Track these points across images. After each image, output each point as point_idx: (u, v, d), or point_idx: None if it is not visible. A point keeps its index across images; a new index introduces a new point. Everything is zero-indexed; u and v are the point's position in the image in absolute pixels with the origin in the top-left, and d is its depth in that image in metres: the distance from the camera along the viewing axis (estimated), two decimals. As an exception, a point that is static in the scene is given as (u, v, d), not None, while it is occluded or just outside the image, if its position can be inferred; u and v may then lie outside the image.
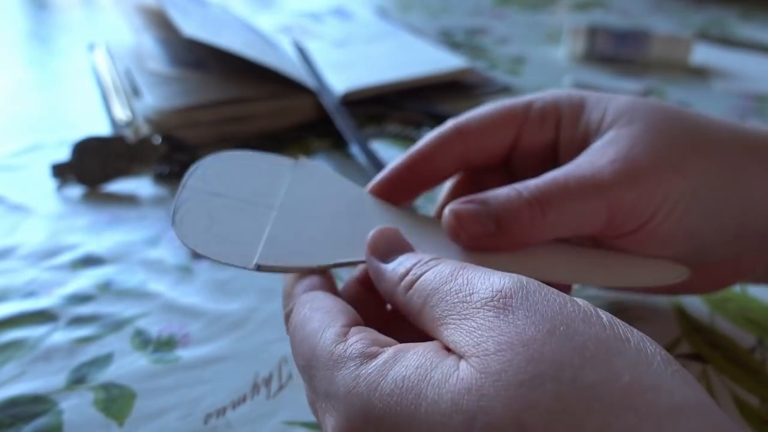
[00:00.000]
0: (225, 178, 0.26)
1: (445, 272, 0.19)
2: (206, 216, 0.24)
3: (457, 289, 0.18)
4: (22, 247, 0.37)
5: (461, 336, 0.17)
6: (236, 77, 0.52)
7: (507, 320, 0.16)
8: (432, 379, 0.16)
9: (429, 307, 0.19)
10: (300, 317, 0.22)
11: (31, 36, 0.75)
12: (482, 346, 0.16)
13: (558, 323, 0.16)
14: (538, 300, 0.17)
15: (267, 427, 0.26)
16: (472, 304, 0.18)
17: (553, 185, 0.24)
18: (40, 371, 0.29)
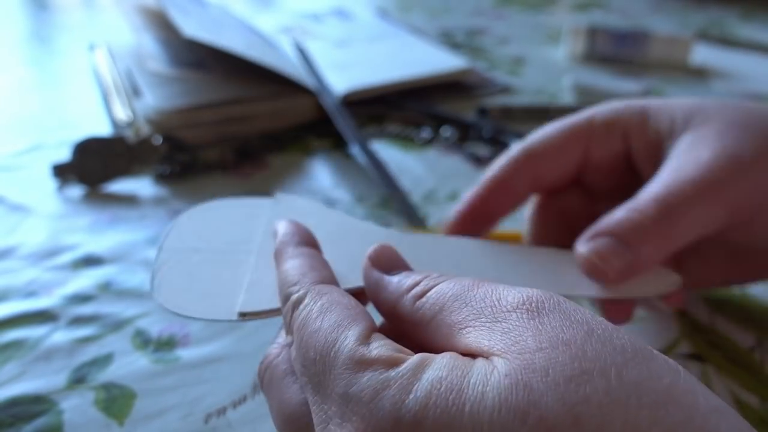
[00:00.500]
0: (202, 231, 0.26)
1: (465, 282, 0.19)
2: (185, 275, 0.24)
3: (483, 295, 0.18)
4: (22, 247, 0.37)
5: (493, 337, 0.17)
6: (236, 77, 0.52)
7: (542, 322, 0.16)
8: (471, 378, 0.16)
9: (446, 314, 0.18)
10: (317, 307, 0.20)
11: (31, 36, 0.75)
12: (521, 344, 0.16)
13: (594, 326, 0.16)
14: (569, 308, 0.17)
15: (267, 426, 0.26)
16: (501, 308, 0.17)
17: (671, 195, 0.24)
18: (41, 371, 0.29)
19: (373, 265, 0.22)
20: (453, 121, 0.53)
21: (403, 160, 0.48)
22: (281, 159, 0.48)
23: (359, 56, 0.63)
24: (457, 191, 0.44)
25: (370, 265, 0.22)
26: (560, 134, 0.28)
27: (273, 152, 0.49)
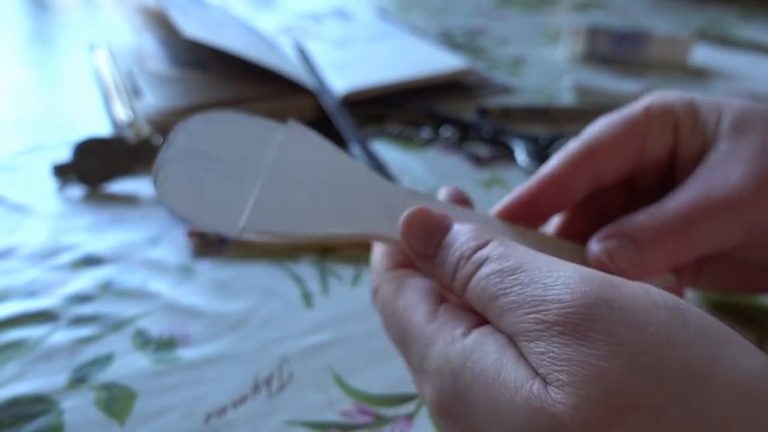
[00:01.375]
0: (213, 139, 0.24)
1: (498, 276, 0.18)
2: (191, 177, 0.23)
3: (521, 301, 0.17)
4: (23, 248, 0.37)
5: (532, 355, 0.16)
6: (236, 77, 0.52)
7: (580, 348, 0.15)
8: (505, 381, 0.16)
9: (493, 316, 0.18)
10: (388, 294, 0.22)
11: (32, 36, 0.75)
12: (554, 375, 0.15)
13: (637, 353, 0.15)
14: (616, 320, 0.15)
15: (267, 426, 0.27)
16: (540, 323, 0.16)
17: (694, 208, 0.24)
18: (41, 371, 0.29)
19: (411, 251, 0.22)
20: (453, 121, 0.53)
21: (403, 160, 0.48)
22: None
23: (359, 56, 0.63)
24: (457, 191, 0.44)
25: (408, 249, 0.22)
26: (619, 127, 0.27)
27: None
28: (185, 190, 0.22)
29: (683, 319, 0.16)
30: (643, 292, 0.16)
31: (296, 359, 0.30)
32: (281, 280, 0.35)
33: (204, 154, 0.24)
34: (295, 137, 0.26)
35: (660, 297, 0.16)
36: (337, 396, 0.28)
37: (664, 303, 0.16)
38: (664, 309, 0.16)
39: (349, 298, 0.34)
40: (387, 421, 0.27)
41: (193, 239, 0.38)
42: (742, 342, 0.16)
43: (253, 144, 0.25)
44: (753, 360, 0.15)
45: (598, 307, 0.16)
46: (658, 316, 0.16)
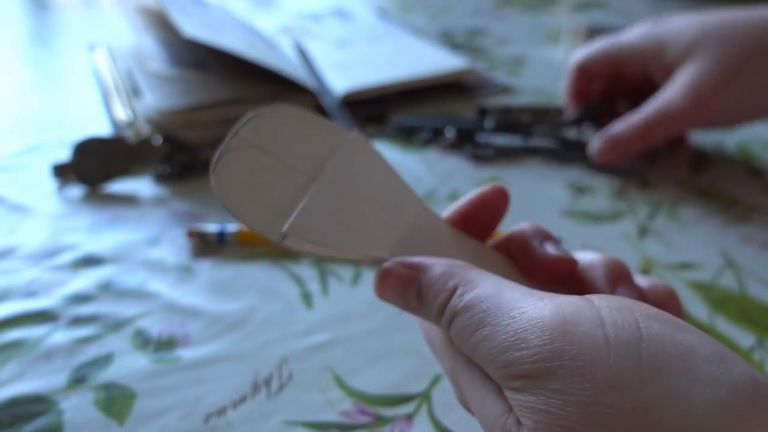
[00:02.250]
0: (278, 135, 0.24)
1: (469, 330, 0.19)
2: (247, 171, 0.23)
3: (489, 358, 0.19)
4: (22, 247, 0.37)
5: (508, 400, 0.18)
6: (236, 78, 0.52)
7: (541, 398, 0.17)
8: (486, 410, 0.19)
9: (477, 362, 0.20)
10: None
11: (31, 36, 0.75)
12: (523, 420, 0.17)
13: (586, 401, 0.16)
14: (568, 371, 0.16)
15: (267, 426, 0.26)
16: (507, 377, 0.18)
17: (650, 121, 0.42)
18: (41, 371, 0.29)
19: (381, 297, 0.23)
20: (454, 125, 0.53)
21: (403, 160, 0.48)
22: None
23: (359, 56, 0.63)
24: (457, 191, 0.44)
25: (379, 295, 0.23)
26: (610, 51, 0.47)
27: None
28: (238, 183, 0.22)
29: (637, 356, 0.16)
30: (597, 325, 0.17)
31: (296, 359, 0.30)
32: (281, 280, 0.35)
33: (266, 149, 0.24)
34: (357, 150, 0.25)
35: (614, 330, 0.17)
36: (337, 396, 0.28)
37: (617, 339, 0.17)
38: (616, 348, 0.16)
39: (349, 298, 0.34)
40: (387, 422, 0.27)
41: (192, 239, 0.38)
42: (702, 368, 0.16)
43: (316, 148, 0.25)
44: (710, 391, 0.15)
45: (551, 361, 0.17)
46: (608, 359, 0.16)
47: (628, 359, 0.16)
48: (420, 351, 0.31)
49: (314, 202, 0.23)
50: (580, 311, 0.18)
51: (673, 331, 0.17)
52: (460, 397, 0.22)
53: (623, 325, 0.17)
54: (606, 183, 0.46)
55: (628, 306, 0.18)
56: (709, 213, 0.43)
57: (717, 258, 0.38)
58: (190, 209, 0.41)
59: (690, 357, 0.16)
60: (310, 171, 0.24)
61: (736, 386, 0.16)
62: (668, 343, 0.16)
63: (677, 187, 0.46)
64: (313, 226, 0.22)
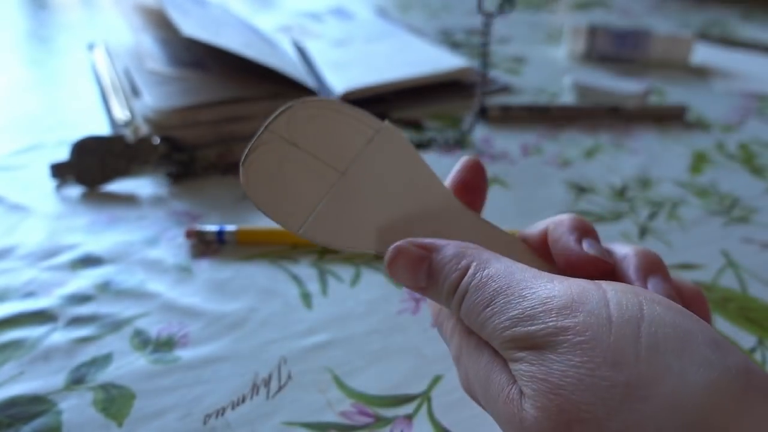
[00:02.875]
0: (308, 128, 0.24)
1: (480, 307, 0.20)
2: (276, 164, 0.23)
3: (499, 328, 0.19)
4: (21, 247, 0.37)
5: (512, 370, 0.19)
6: (236, 77, 0.52)
7: (542, 368, 0.18)
8: (491, 383, 0.20)
9: (484, 337, 0.20)
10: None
11: (30, 36, 0.75)
12: (524, 388, 0.18)
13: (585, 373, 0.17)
14: (570, 344, 0.17)
15: (266, 427, 0.26)
16: (513, 348, 0.19)
17: None
18: (40, 371, 0.29)
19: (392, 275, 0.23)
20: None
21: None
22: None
23: (358, 56, 0.63)
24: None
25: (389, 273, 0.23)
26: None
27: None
28: (266, 177, 0.23)
29: (636, 334, 0.17)
30: (602, 305, 0.18)
31: (295, 360, 0.30)
32: (280, 280, 0.35)
33: (296, 142, 0.24)
34: (386, 140, 0.25)
35: (617, 310, 0.18)
36: (337, 397, 0.28)
37: (620, 317, 0.17)
38: (617, 326, 0.17)
39: (349, 299, 0.34)
40: (386, 422, 0.27)
41: (191, 239, 0.38)
42: (698, 351, 0.17)
43: (346, 140, 0.25)
44: (703, 371, 0.16)
45: (556, 336, 0.18)
46: (608, 336, 0.17)
47: (627, 337, 0.17)
48: (420, 351, 0.31)
49: (336, 200, 0.23)
50: (587, 292, 0.18)
51: (675, 315, 0.18)
52: (465, 381, 0.23)
53: (626, 306, 0.18)
54: (607, 183, 0.46)
55: (635, 290, 0.19)
56: (709, 213, 0.43)
57: (717, 258, 0.38)
58: (189, 209, 0.41)
59: (688, 339, 0.17)
60: (339, 164, 0.24)
61: (728, 371, 0.16)
62: (668, 324, 0.17)
63: (677, 187, 0.46)
64: (332, 227, 0.23)
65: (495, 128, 0.54)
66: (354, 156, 0.24)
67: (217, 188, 0.44)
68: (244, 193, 0.41)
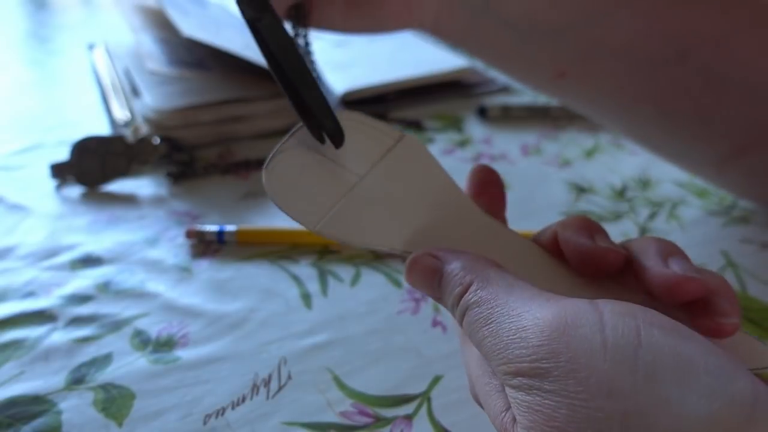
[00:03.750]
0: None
1: (477, 324, 0.20)
2: (298, 168, 0.24)
3: (492, 353, 0.19)
4: (21, 247, 0.37)
5: (508, 395, 0.19)
6: (236, 77, 0.52)
7: (537, 398, 0.17)
8: (490, 404, 0.20)
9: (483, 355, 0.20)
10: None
11: (30, 36, 0.75)
12: (519, 417, 0.18)
13: (578, 404, 0.16)
14: (563, 372, 0.17)
15: (266, 427, 0.26)
16: (507, 374, 0.18)
17: None
18: (40, 371, 0.29)
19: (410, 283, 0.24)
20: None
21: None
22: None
23: (359, 56, 0.63)
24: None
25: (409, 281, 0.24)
26: None
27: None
28: (287, 179, 0.24)
29: (633, 362, 0.16)
30: (596, 330, 0.17)
31: (295, 360, 0.30)
32: (280, 280, 0.35)
33: (319, 149, 0.25)
34: (407, 149, 0.26)
35: (613, 334, 0.17)
36: (336, 397, 0.28)
37: (615, 344, 0.17)
38: (612, 353, 0.16)
39: (349, 299, 0.34)
40: (386, 422, 0.27)
41: (191, 239, 0.38)
42: (700, 379, 0.16)
43: (369, 149, 0.26)
44: (704, 403, 0.15)
45: (548, 362, 0.17)
46: (603, 364, 0.16)
47: (623, 364, 0.16)
48: (420, 351, 0.31)
49: (353, 200, 0.24)
50: (582, 314, 0.18)
51: (676, 340, 0.17)
52: (472, 388, 0.23)
53: (623, 331, 0.17)
54: (607, 183, 0.46)
55: (633, 312, 0.18)
56: (709, 213, 0.43)
57: (717, 258, 0.38)
58: (189, 209, 0.41)
59: (688, 367, 0.16)
60: (359, 169, 0.25)
61: (732, 400, 0.15)
62: (667, 352, 0.16)
63: (677, 187, 0.46)
64: (348, 225, 0.24)
65: (495, 128, 0.54)
66: (374, 162, 0.25)
67: (217, 188, 0.44)
68: (245, 193, 0.41)
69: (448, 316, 0.33)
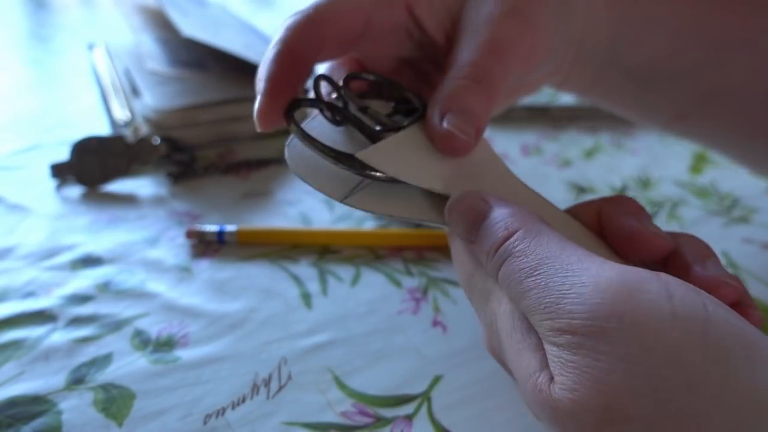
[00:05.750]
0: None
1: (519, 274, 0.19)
2: (326, 138, 0.24)
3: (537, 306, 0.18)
4: (21, 247, 0.37)
5: (548, 353, 0.17)
6: (235, 77, 0.52)
7: (586, 359, 0.16)
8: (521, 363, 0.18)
9: (521, 309, 0.19)
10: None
11: (30, 36, 0.75)
12: (561, 378, 0.16)
13: (640, 370, 0.15)
14: (624, 335, 0.16)
15: (266, 427, 0.26)
16: (552, 330, 0.17)
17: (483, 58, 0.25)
18: (40, 371, 0.29)
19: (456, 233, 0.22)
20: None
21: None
22: (280, 159, 0.48)
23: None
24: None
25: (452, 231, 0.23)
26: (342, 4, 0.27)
27: (274, 153, 0.49)
28: (309, 154, 0.23)
29: (702, 334, 0.16)
30: (665, 300, 0.16)
31: (295, 360, 0.30)
32: (280, 280, 0.35)
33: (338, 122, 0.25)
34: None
35: (682, 307, 0.16)
36: (337, 397, 0.28)
37: (685, 314, 0.16)
38: (683, 322, 0.16)
39: (349, 299, 0.34)
40: (386, 422, 0.27)
41: (191, 239, 0.38)
42: (764, 359, 0.15)
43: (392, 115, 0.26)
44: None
45: (608, 321, 0.16)
46: (672, 331, 0.15)
47: (692, 336, 0.15)
48: (420, 351, 0.31)
49: (385, 145, 0.23)
50: (647, 281, 0.17)
51: (737, 320, 0.16)
52: (491, 344, 0.22)
53: (691, 303, 0.16)
54: (607, 183, 0.46)
55: (695, 288, 0.17)
56: (709, 213, 0.43)
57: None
58: (189, 209, 0.41)
59: (754, 346, 0.16)
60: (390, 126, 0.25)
61: None
62: (733, 330, 0.16)
63: (677, 187, 0.46)
64: (374, 195, 0.23)
65: (495, 128, 0.54)
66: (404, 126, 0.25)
67: (217, 188, 0.44)
68: (245, 193, 0.41)
69: (448, 316, 0.33)
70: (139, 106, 0.49)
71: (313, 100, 0.25)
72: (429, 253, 0.38)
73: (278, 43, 0.25)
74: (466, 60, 0.25)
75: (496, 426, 0.27)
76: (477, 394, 0.28)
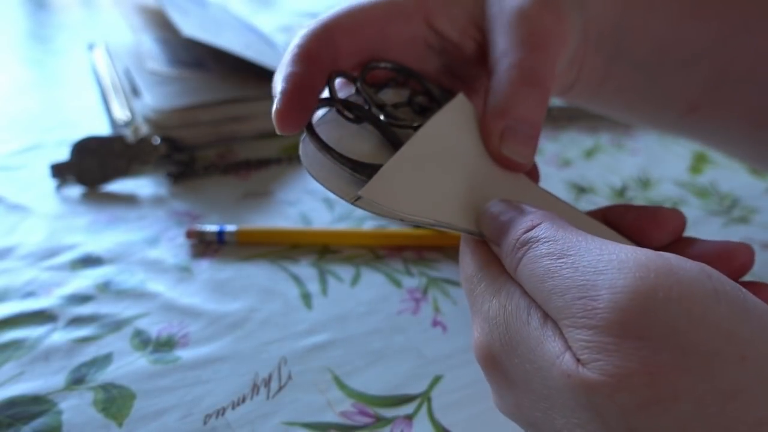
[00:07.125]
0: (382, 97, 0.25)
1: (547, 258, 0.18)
2: (335, 140, 0.23)
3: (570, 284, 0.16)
4: (21, 247, 0.37)
5: (576, 342, 0.16)
6: (236, 77, 0.52)
7: (629, 338, 0.15)
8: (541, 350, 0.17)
9: (540, 300, 0.18)
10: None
11: (30, 36, 0.75)
12: (596, 364, 0.15)
13: (691, 344, 0.14)
14: (673, 310, 0.15)
15: (266, 427, 0.26)
16: (588, 309, 0.16)
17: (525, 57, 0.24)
18: (40, 371, 0.29)
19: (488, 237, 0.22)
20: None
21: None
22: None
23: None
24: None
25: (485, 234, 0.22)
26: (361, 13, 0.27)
27: (270, 153, 0.49)
28: (323, 153, 0.23)
29: (745, 310, 0.15)
30: (705, 277, 0.16)
31: (295, 360, 0.30)
32: (280, 280, 0.35)
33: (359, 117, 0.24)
34: (454, 113, 0.25)
35: (721, 285, 0.16)
36: (337, 397, 0.28)
37: (725, 291, 0.15)
38: (725, 298, 0.15)
39: (349, 299, 0.34)
40: (386, 422, 0.27)
41: (191, 239, 0.38)
42: None
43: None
44: None
45: (655, 293, 0.15)
46: (717, 306, 0.15)
47: (738, 309, 0.15)
48: (420, 351, 0.31)
49: (392, 170, 0.22)
50: (683, 260, 0.16)
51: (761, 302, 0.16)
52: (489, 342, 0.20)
53: (727, 282, 0.16)
54: (607, 183, 0.46)
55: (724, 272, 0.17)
56: (709, 213, 0.43)
57: (717, 258, 0.38)
58: (189, 209, 0.41)
59: None
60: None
61: None
62: (765, 308, 0.16)
63: (677, 187, 0.46)
64: (386, 196, 0.21)
65: (495, 128, 0.54)
66: (420, 125, 0.24)
67: (217, 188, 0.44)
68: (245, 193, 0.41)
69: (448, 316, 0.33)
70: (139, 106, 0.49)
71: (328, 99, 0.24)
72: (429, 253, 0.38)
73: (296, 47, 0.25)
74: (512, 61, 0.24)
75: (496, 426, 0.27)
76: (477, 394, 0.28)
